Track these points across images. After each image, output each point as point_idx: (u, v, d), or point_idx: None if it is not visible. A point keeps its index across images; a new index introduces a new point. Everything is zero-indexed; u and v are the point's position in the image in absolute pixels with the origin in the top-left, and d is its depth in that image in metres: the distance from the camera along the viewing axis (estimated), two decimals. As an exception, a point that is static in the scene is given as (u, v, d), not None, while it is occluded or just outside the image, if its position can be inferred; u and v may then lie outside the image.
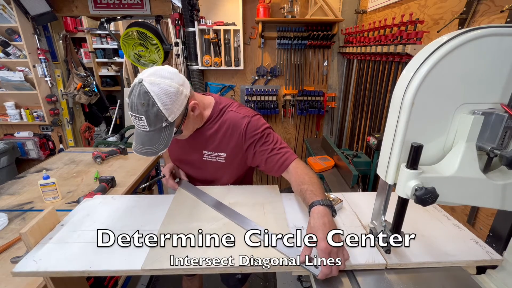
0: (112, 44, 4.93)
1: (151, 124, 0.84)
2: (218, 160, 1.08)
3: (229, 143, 1.05)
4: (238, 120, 1.03)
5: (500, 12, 1.14)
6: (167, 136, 0.88)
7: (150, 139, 0.88)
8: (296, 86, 2.86)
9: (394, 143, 0.62)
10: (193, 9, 2.38)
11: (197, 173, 1.17)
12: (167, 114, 0.85)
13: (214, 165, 1.10)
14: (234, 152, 1.06)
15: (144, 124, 0.84)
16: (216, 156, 1.08)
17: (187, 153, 1.13)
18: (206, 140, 1.07)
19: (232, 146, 1.05)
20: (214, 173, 1.13)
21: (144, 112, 0.82)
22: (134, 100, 0.83)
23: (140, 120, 0.84)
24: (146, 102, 0.82)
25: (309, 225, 0.77)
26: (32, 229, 0.79)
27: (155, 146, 0.88)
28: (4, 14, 2.51)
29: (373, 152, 1.89)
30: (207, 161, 1.10)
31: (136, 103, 0.82)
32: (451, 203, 0.65)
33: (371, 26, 2.10)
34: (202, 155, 1.09)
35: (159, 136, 0.87)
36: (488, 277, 0.78)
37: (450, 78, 0.57)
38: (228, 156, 1.07)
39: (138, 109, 0.82)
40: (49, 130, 3.07)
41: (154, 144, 0.88)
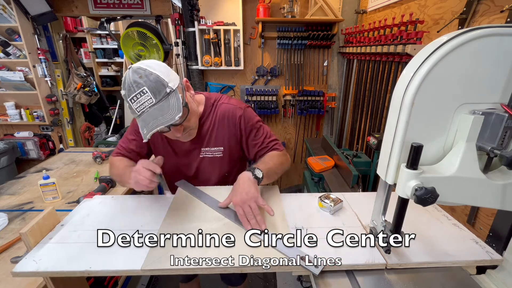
0: (112, 44, 4.92)
1: (155, 92, 0.79)
2: (215, 155, 1.08)
3: (225, 135, 1.05)
4: (232, 111, 1.04)
5: (500, 12, 1.14)
6: (176, 102, 0.82)
7: (161, 110, 0.80)
8: (296, 86, 2.86)
9: (394, 143, 0.62)
10: (193, 9, 2.38)
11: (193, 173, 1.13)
12: (167, 79, 0.82)
13: (212, 161, 1.09)
14: (230, 144, 1.07)
15: (149, 96, 0.79)
16: (214, 151, 1.07)
17: (184, 156, 1.09)
18: (203, 137, 1.06)
19: (228, 138, 1.06)
20: (211, 169, 1.11)
21: (144, 82, 0.79)
22: (129, 80, 0.80)
23: (142, 93, 0.79)
24: (142, 74, 0.80)
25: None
26: (32, 229, 0.79)
27: (168, 113, 0.80)
28: (4, 14, 2.51)
29: (373, 152, 1.89)
30: (205, 157, 1.09)
31: (132, 81, 0.79)
32: (451, 203, 0.65)
33: (371, 26, 2.10)
34: (199, 152, 1.08)
35: (168, 104, 0.81)
36: (488, 277, 0.78)
37: (450, 78, 0.57)
38: (225, 149, 1.08)
39: (138, 83, 0.79)
40: (49, 130, 3.07)
41: (166, 113, 0.80)
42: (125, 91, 0.82)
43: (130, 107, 0.83)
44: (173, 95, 0.82)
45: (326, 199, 0.98)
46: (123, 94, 0.83)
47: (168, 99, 0.81)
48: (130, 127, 1.10)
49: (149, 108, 0.80)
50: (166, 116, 0.80)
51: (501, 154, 0.56)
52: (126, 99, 0.82)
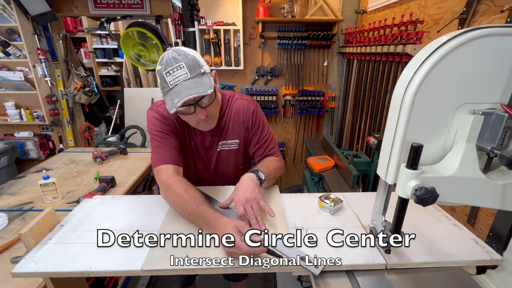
0: (112, 44, 4.92)
1: (191, 69, 0.85)
2: (232, 147, 1.11)
3: (240, 128, 1.10)
4: (247, 105, 1.10)
5: (500, 12, 1.14)
6: (208, 81, 0.88)
7: (194, 83, 0.85)
8: (296, 86, 2.86)
9: (394, 143, 0.62)
10: (193, 9, 2.38)
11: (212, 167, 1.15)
12: (201, 63, 0.89)
13: (229, 154, 1.12)
14: (244, 136, 1.12)
15: (185, 70, 0.84)
16: (230, 144, 1.11)
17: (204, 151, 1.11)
18: (221, 130, 1.09)
19: (243, 130, 1.11)
20: (228, 162, 1.14)
21: (182, 59, 0.85)
22: (168, 56, 0.86)
23: (179, 68, 0.84)
24: (181, 53, 0.87)
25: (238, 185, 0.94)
26: (31, 230, 0.79)
27: (202, 87, 0.86)
28: (4, 14, 2.50)
29: (373, 152, 1.89)
30: (222, 150, 1.11)
31: (171, 57, 0.85)
32: (451, 203, 0.65)
33: (371, 26, 2.10)
34: (217, 146, 1.10)
35: (201, 81, 0.86)
36: (488, 277, 0.78)
37: (450, 78, 0.57)
38: (241, 141, 1.12)
39: (176, 59, 0.85)
40: (49, 130, 3.07)
41: (200, 86, 0.85)
42: (161, 66, 0.86)
43: (163, 82, 0.87)
44: (206, 76, 0.88)
45: (326, 199, 0.98)
46: (158, 69, 0.87)
47: (202, 77, 0.87)
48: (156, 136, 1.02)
49: (183, 81, 0.85)
50: (199, 89, 0.85)
51: (501, 154, 0.55)
52: (162, 72, 0.86)
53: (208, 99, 0.91)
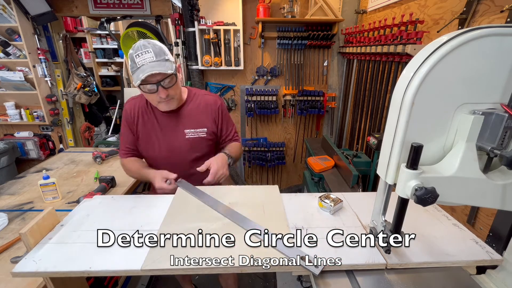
0: (112, 44, 4.93)
1: (157, 54, 1.03)
2: (200, 135, 1.26)
3: (208, 118, 1.27)
4: (213, 99, 1.29)
5: (500, 12, 1.14)
6: (170, 66, 1.05)
7: (158, 64, 1.02)
8: (296, 86, 2.86)
9: (394, 143, 0.62)
10: (193, 9, 2.38)
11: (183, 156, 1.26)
12: (167, 52, 1.07)
13: (197, 141, 1.26)
14: (212, 126, 1.28)
15: (151, 55, 1.02)
16: (199, 132, 1.25)
17: (170, 138, 1.24)
18: (186, 119, 1.24)
19: (210, 121, 1.27)
20: (198, 148, 1.27)
21: (150, 47, 1.03)
22: (140, 44, 1.04)
23: (147, 52, 1.02)
24: (151, 43, 1.05)
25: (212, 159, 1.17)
26: (31, 229, 0.79)
27: (164, 67, 1.03)
28: (4, 14, 2.51)
29: (373, 152, 1.89)
30: (190, 138, 1.25)
31: (141, 44, 1.03)
32: (451, 203, 0.65)
33: (371, 26, 2.10)
34: (184, 134, 1.24)
35: (165, 63, 1.04)
36: (488, 277, 0.78)
37: (450, 78, 0.57)
38: (208, 130, 1.27)
39: (145, 46, 1.03)
40: (49, 130, 3.07)
41: (162, 66, 1.03)
42: (133, 50, 1.04)
43: (132, 63, 1.04)
44: (169, 62, 1.06)
45: (326, 199, 0.98)
46: (130, 53, 1.04)
47: (165, 62, 1.05)
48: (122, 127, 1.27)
49: (149, 62, 1.02)
50: (162, 69, 1.02)
51: (501, 154, 0.56)
52: (133, 55, 1.03)
53: (169, 81, 1.07)
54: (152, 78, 1.02)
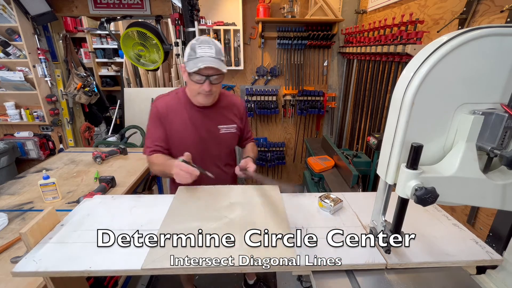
0: (112, 44, 4.92)
1: (217, 53, 1.12)
2: (231, 131, 1.36)
3: (236, 116, 1.38)
4: (239, 101, 1.42)
5: (500, 12, 1.14)
6: (224, 66, 1.14)
7: (216, 61, 1.11)
8: (296, 86, 2.86)
9: (394, 143, 0.62)
10: (193, 9, 2.38)
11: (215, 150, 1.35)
12: (223, 54, 1.17)
13: (229, 136, 1.36)
14: (239, 124, 1.39)
15: (213, 50, 1.11)
16: (231, 128, 1.35)
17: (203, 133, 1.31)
18: (219, 115, 1.33)
19: (238, 119, 1.38)
20: (229, 143, 1.39)
21: (213, 45, 1.12)
22: (204, 39, 1.13)
23: (209, 47, 1.11)
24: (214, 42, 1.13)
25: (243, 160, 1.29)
26: (32, 229, 0.79)
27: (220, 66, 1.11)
28: (4, 14, 2.50)
29: (373, 152, 1.89)
30: (224, 133, 1.34)
31: (207, 39, 1.13)
32: (451, 203, 0.65)
33: (371, 26, 2.10)
34: (218, 129, 1.33)
35: (221, 63, 1.13)
36: (488, 277, 0.78)
37: (450, 78, 0.57)
38: (237, 127, 1.38)
39: (209, 42, 1.12)
40: (49, 130, 3.06)
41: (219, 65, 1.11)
42: (196, 41, 1.13)
43: (191, 52, 1.12)
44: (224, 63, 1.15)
45: (326, 199, 0.98)
46: (192, 43, 1.13)
47: (221, 62, 1.14)
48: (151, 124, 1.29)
49: (209, 56, 1.10)
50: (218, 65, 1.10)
51: (501, 154, 0.56)
52: (195, 45, 1.11)
53: (217, 78, 1.15)
54: (206, 70, 1.10)
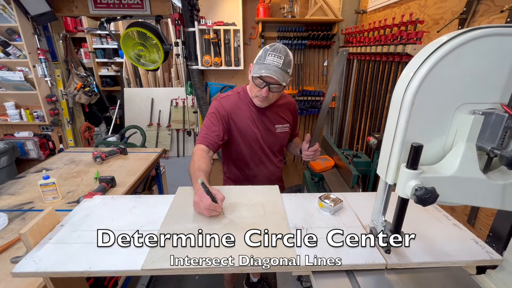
0: (112, 44, 4.93)
1: (284, 64, 1.14)
2: (285, 130, 1.43)
3: (289, 116, 1.45)
4: (292, 100, 1.49)
5: (500, 12, 1.14)
6: (287, 79, 1.18)
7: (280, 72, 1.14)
8: (296, 86, 2.86)
9: (394, 143, 0.62)
10: (193, 9, 2.38)
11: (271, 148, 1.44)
12: (291, 67, 1.20)
13: (283, 135, 1.45)
14: (291, 122, 1.46)
15: (281, 61, 1.14)
16: (285, 127, 1.43)
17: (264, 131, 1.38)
18: (276, 115, 1.39)
19: (290, 118, 1.46)
20: (284, 141, 1.48)
21: (284, 56, 1.15)
22: (279, 46, 1.17)
23: (279, 58, 1.14)
24: (287, 52, 1.16)
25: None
26: (31, 230, 0.79)
27: (282, 78, 1.15)
28: (4, 14, 2.50)
29: (373, 152, 1.89)
30: (279, 132, 1.42)
31: (280, 48, 1.16)
32: (451, 203, 0.65)
33: (371, 26, 2.10)
34: (275, 129, 1.40)
35: (284, 75, 1.16)
36: (488, 277, 0.78)
37: (450, 78, 0.57)
38: (290, 125, 1.46)
39: (281, 51, 1.15)
40: (49, 130, 3.07)
41: (281, 77, 1.15)
42: (270, 47, 1.17)
43: (262, 56, 1.17)
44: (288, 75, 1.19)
45: (326, 199, 0.98)
46: (267, 48, 1.18)
47: (286, 74, 1.17)
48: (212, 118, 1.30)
49: (275, 66, 1.14)
50: (280, 78, 1.15)
51: (501, 154, 0.55)
52: (267, 50, 1.16)
53: (277, 88, 1.20)
54: (268, 78, 1.16)
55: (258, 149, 1.39)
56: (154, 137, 4.15)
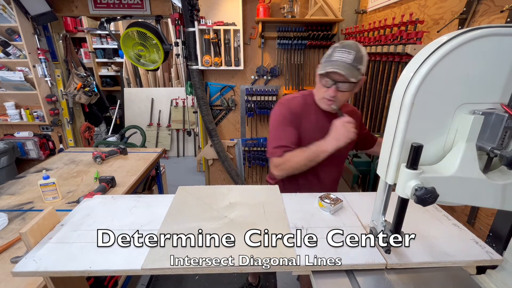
0: (112, 44, 4.93)
1: (354, 60, 1.06)
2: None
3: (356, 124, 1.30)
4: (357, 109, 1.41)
5: (500, 12, 1.14)
6: (357, 75, 1.07)
7: (348, 68, 1.05)
8: (296, 86, 2.86)
9: (394, 143, 0.62)
10: (193, 9, 2.38)
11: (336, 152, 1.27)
12: (363, 64, 1.09)
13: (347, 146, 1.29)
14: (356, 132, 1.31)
15: (351, 57, 1.06)
16: None
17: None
18: None
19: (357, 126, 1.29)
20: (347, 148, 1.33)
21: (355, 51, 1.06)
22: (349, 42, 1.09)
23: (348, 53, 1.06)
24: (358, 48, 1.08)
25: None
26: (32, 229, 0.79)
27: (350, 74, 1.05)
28: (4, 14, 2.51)
29: (373, 152, 1.89)
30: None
31: (351, 44, 1.08)
32: (451, 203, 0.65)
33: (371, 26, 2.10)
34: None
35: (353, 71, 1.06)
36: (488, 277, 0.78)
37: (450, 78, 0.57)
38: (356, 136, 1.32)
39: (352, 47, 1.07)
40: (49, 130, 3.07)
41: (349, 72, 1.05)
42: (339, 44, 1.10)
43: (330, 54, 1.10)
44: (357, 72, 1.07)
45: (326, 199, 0.98)
46: (335, 45, 1.11)
47: (356, 70, 1.07)
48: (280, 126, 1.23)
49: (343, 62, 1.06)
50: (348, 73, 1.05)
51: (501, 154, 0.55)
52: (335, 48, 1.09)
53: (346, 86, 1.10)
54: (335, 75, 1.08)
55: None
56: (154, 137, 4.16)
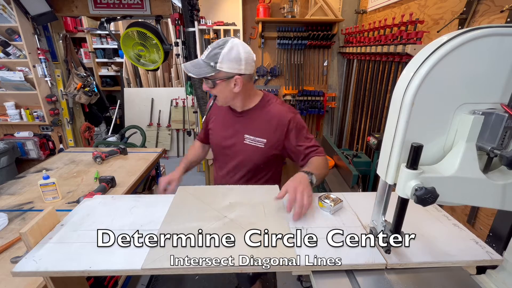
0: (112, 44, 4.93)
1: (207, 57, 1.07)
2: (257, 145, 1.22)
3: (271, 130, 1.21)
4: (284, 113, 1.22)
5: (500, 12, 1.14)
6: (205, 71, 1.08)
7: (196, 66, 1.09)
8: (296, 86, 2.86)
9: (394, 143, 0.62)
10: (193, 9, 2.38)
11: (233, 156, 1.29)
12: (220, 60, 1.05)
13: (254, 150, 1.24)
14: (273, 140, 1.22)
15: (205, 54, 1.07)
16: (257, 141, 1.22)
17: (229, 137, 1.27)
18: (249, 124, 1.23)
19: (274, 134, 1.21)
20: (250, 156, 1.25)
21: (212, 48, 1.06)
22: (220, 39, 1.09)
23: (206, 50, 1.08)
24: (221, 43, 1.06)
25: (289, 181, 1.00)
26: (32, 229, 0.79)
27: (199, 71, 1.08)
28: (4, 14, 2.51)
29: (373, 152, 1.89)
30: (248, 144, 1.24)
31: (219, 40, 1.08)
32: (451, 203, 0.65)
33: (371, 26, 2.10)
34: (243, 139, 1.24)
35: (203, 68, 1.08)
36: (488, 277, 0.78)
37: (450, 78, 0.57)
38: (268, 143, 1.22)
39: (215, 44, 1.07)
40: (49, 130, 3.07)
41: (198, 69, 1.08)
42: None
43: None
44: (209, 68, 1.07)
45: (326, 199, 0.98)
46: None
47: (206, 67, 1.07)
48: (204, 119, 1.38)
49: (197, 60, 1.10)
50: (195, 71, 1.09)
51: (501, 154, 0.55)
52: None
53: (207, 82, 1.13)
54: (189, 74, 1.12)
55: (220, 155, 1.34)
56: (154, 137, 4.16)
